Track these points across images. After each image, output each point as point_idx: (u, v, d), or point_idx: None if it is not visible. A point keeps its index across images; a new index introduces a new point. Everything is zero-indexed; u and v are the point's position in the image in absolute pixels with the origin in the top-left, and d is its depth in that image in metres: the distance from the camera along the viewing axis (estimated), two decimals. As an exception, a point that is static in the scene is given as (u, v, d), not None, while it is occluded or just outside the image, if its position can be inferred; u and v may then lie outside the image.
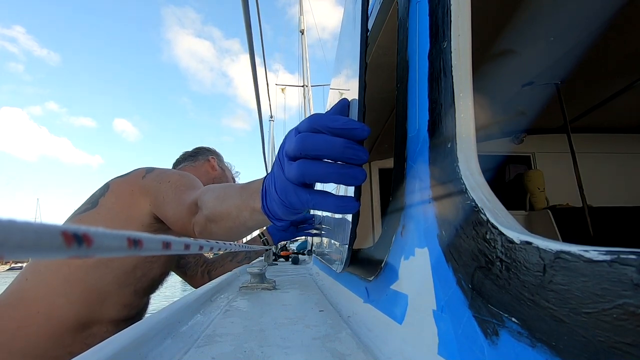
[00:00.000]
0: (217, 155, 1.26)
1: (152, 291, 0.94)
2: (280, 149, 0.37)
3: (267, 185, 0.41)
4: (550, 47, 1.27)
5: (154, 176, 0.83)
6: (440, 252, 0.24)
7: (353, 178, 0.31)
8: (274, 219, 0.43)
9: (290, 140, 0.34)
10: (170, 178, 0.81)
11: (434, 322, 0.25)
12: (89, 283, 0.74)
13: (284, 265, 1.90)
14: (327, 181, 0.31)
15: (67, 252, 0.10)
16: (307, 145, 0.31)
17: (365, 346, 0.35)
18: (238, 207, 0.50)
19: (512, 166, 2.18)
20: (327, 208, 0.33)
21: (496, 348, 0.18)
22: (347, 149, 0.30)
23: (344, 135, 0.31)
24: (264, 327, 0.43)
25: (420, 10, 0.33)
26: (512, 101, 1.69)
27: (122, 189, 0.82)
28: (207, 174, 1.16)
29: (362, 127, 0.31)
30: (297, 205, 0.35)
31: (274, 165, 0.39)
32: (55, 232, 0.10)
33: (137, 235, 0.14)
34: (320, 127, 0.31)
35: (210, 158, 1.21)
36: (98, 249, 0.11)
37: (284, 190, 0.36)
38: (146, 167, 0.88)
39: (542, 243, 0.15)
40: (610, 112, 1.88)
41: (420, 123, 0.31)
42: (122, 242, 0.13)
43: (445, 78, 0.26)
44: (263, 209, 0.42)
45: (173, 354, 0.34)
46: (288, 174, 0.34)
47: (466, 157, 0.23)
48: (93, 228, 0.11)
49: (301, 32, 11.35)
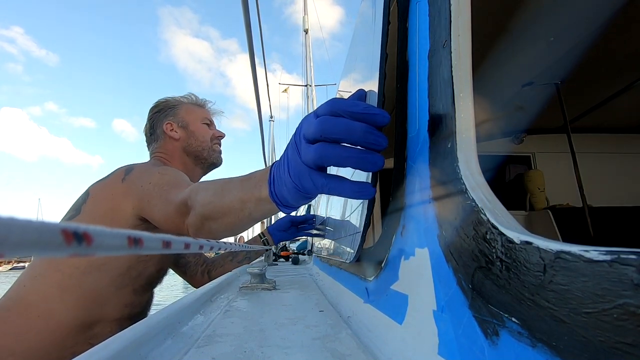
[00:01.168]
0: (172, 111, 1.01)
1: (153, 287, 0.93)
2: (297, 132, 0.36)
3: (275, 171, 0.41)
4: (550, 47, 1.27)
5: (134, 178, 0.79)
6: (441, 252, 0.24)
7: (372, 163, 0.31)
8: (282, 206, 0.41)
9: (309, 123, 0.33)
10: (151, 178, 0.77)
11: (434, 323, 0.25)
12: (84, 288, 0.74)
13: (284, 265, 1.90)
14: (345, 165, 0.31)
15: (67, 250, 0.10)
16: (328, 127, 0.31)
17: (365, 346, 0.35)
18: (241, 199, 0.48)
19: (512, 166, 2.18)
20: (342, 193, 0.33)
21: (496, 348, 0.18)
22: (368, 133, 0.30)
23: (364, 120, 0.31)
24: (264, 327, 0.43)
25: (420, 10, 0.33)
26: (512, 101, 1.69)
27: (103, 194, 0.80)
28: (176, 149, 0.99)
29: (382, 113, 0.31)
30: (311, 189, 0.35)
31: (287, 149, 0.38)
32: (55, 230, 0.10)
33: (138, 234, 0.14)
34: (341, 111, 0.31)
35: (166, 125, 0.99)
36: (98, 247, 0.11)
37: (298, 174, 0.35)
38: (126, 167, 0.85)
39: (542, 243, 0.15)
40: (610, 112, 1.88)
41: (420, 123, 0.31)
42: (122, 240, 0.13)
43: (445, 78, 0.26)
44: (271, 195, 0.41)
45: (173, 354, 0.34)
46: (305, 156, 0.33)
47: (466, 157, 0.23)
48: (92, 226, 0.11)
49: (305, 31, 11.34)
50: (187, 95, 1.08)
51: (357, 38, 0.62)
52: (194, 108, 1.05)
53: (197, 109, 1.05)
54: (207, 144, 1.02)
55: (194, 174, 1.02)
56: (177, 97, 1.06)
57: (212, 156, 1.03)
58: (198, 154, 1.01)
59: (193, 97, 1.08)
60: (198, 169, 1.03)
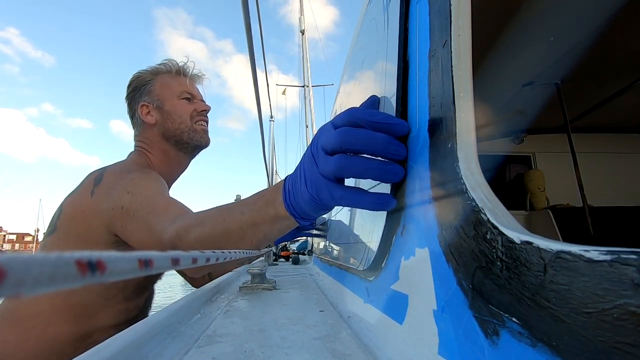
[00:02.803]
0: (145, 88, 0.85)
1: (148, 289, 0.87)
2: (313, 143, 0.35)
3: (289, 185, 0.40)
4: (550, 47, 1.27)
5: (103, 191, 0.69)
6: (441, 252, 0.24)
7: (393, 174, 0.31)
8: (300, 218, 0.40)
9: (327, 134, 0.32)
10: (122, 195, 0.65)
11: (434, 322, 0.25)
12: (73, 304, 0.71)
13: (284, 265, 1.90)
14: (366, 177, 0.31)
15: (82, 281, 0.10)
16: (349, 139, 0.30)
17: (365, 346, 0.35)
18: (253, 223, 0.44)
19: (513, 166, 2.19)
20: (362, 205, 0.33)
21: (496, 348, 0.18)
22: (389, 144, 0.30)
23: (384, 130, 0.30)
24: (264, 327, 0.43)
25: (420, 10, 0.33)
26: (512, 101, 1.69)
27: (74, 210, 0.71)
28: (155, 136, 0.85)
29: (402, 123, 0.31)
30: (328, 201, 0.34)
31: (303, 161, 0.37)
32: (70, 262, 0.10)
33: (147, 256, 0.14)
34: (360, 122, 0.31)
35: (141, 108, 0.84)
36: (111, 273, 0.11)
37: (316, 186, 0.34)
38: (95, 174, 0.74)
39: (543, 243, 0.15)
40: (610, 112, 1.88)
41: (420, 123, 0.31)
42: (134, 264, 0.13)
43: (445, 78, 0.26)
44: (288, 208, 0.39)
45: (173, 354, 0.34)
46: (323, 168, 0.33)
47: (466, 157, 0.23)
48: (106, 253, 0.12)
49: (302, 32, 11.34)
50: (165, 62, 0.89)
51: (363, 41, 0.62)
52: (170, 80, 0.87)
53: (173, 81, 0.87)
54: (187, 124, 0.85)
55: (178, 160, 0.89)
56: (153, 67, 0.88)
57: (194, 138, 0.86)
58: (178, 138, 0.85)
59: (170, 64, 0.89)
60: (182, 154, 0.88)
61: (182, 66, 0.90)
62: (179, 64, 0.90)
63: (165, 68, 0.89)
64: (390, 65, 0.39)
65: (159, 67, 0.88)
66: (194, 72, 0.91)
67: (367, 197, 0.32)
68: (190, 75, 0.91)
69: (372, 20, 0.54)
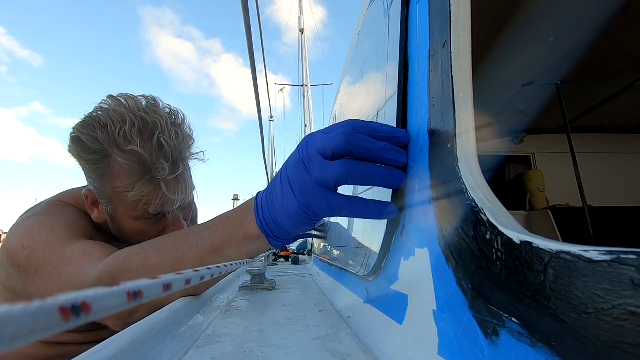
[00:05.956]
0: (94, 171, 0.54)
1: None
2: (302, 150, 0.33)
3: (263, 200, 0.37)
4: (550, 47, 1.27)
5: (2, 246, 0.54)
6: (440, 252, 0.24)
7: (398, 180, 0.31)
8: (273, 237, 0.38)
9: (325, 138, 0.31)
10: (23, 242, 0.50)
11: (434, 322, 0.25)
12: None
13: (284, 265, 1.90)
14: (371, 183, 0.31)
15: (66, 325, 0.10)
16: (354, 142, 0.29)
17: (365, 346, 0.35)
18: (216, 250, 0.39)
19: (512, 166, 2.19)
20: (365, 214, 0.31)
21: (496, 348, 0.18)
22: (392, 150, 0.30)
23: (386, 141, 0.30)
24: (264, 327, 0.43)
25: (420, 10, 0.33)
26: (512, 101, 1.69)
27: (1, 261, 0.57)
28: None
29: (403, 133, 0.31)
30: (323, 211, 0.32)
31: (286, 170, 0.34)
32: (53, 310, 0.09)
33: (136, 287, 0.13)
34: (361, 130, 0.31)
35: (86, 193, 0.58)
36: (98, 312, 0.11)
37: (307, 194, 0.32)
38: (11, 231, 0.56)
39: (542, 243, 0.15)
40: (610, 112, 1.89)
41: (420, 123, 0.31)
42: (122, 298, 0.12)
43: (445, 78, 0.26)
44: (260, 225, 0.37)
45: (173, 354, 0.34)
46: (323, 175, 0.31)
47: (466, 157, 0.23)
48: (91, 292, 0.11)
49: (301, 31, 11.34)
50: (134, 121, 0.52)
51: (364, 42, 0.62)
52: (128, 185, 0.53)
53: (133, 187, 0.53)
54: None
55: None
56: (110, 129, 0.52)
57: None
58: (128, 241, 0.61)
59: (136, 139, 0.51)
60: None
61: (156, 150, 0.53)
62: (153, 143, 0.52)
63: (130, 146, 0.51)
64: (390, 66, 0.39)
65: (118, 138, 0.51)
66: (173, 171, 0.54)
67: (373, 206, 0.31)
68: (167, 179, 0.53)
69: (372, 21, 0.54)
